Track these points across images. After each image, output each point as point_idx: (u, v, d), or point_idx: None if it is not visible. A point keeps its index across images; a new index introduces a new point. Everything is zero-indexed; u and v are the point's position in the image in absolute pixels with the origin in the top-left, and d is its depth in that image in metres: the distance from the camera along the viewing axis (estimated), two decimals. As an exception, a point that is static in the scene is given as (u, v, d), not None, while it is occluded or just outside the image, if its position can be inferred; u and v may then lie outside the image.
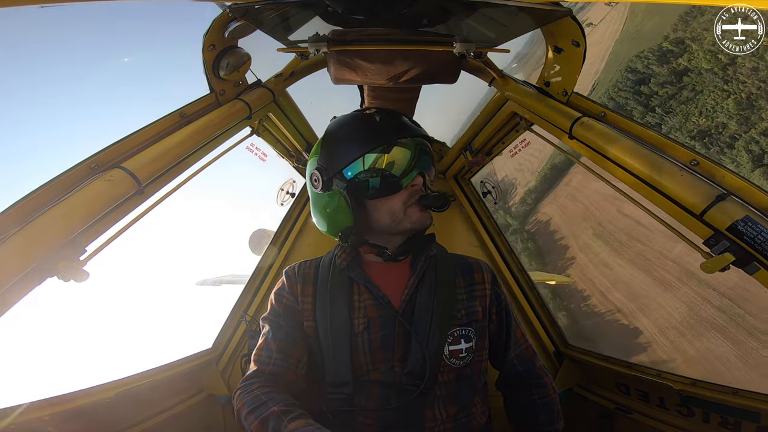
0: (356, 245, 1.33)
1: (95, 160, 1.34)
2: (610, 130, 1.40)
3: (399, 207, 1.25)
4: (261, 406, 1.09)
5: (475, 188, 2.54)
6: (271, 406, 1.07)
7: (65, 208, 1.18)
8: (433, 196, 1.27)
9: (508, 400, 1.46)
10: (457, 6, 1.38)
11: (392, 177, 1.25)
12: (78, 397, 1.69)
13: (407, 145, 1.27)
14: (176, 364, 2.16)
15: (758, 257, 1.11)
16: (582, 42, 1.44)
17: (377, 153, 1.25)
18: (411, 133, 1.29)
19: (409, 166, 1.26)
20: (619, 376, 1.96)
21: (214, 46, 1.48)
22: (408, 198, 1.26)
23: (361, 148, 1.24)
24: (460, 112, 73.37)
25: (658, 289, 19.40)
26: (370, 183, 1.25)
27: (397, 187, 1.25)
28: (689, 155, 1.30)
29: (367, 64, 1.58)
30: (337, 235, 1.32)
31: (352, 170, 1.25)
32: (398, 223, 1.27)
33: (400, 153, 1.27)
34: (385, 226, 1.28)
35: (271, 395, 1.12)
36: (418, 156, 1.28)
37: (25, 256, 1.09)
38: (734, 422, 1.47)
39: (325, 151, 1.30)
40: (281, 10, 1.37)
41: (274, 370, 1.23)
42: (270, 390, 1.15)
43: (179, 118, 1.52)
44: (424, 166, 1.29)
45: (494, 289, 1.41)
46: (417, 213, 1.26)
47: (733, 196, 1.18)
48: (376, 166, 1.25)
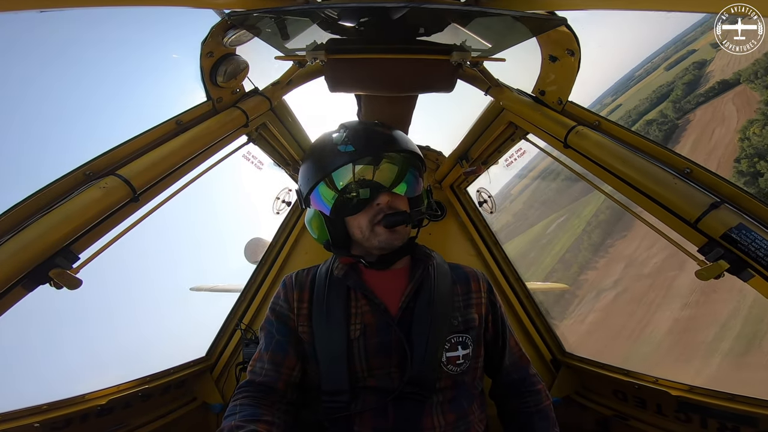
0: (338, 256, 1.37)
1: (90, 167, 1.33)
2: (604, 139, 1.42)
3: (366, 225, 1.28)
4: (229, 416, 1.13)
5: (472, 197, 2.55)
6: (232, 419, 1.11)
7: (59, 215, 1.17)
8: (392, 216, 1.26)
9: (502, 409, 1.47)
10: (453, 15, 1.40)
11: (352, 197, 1.28)
12: (70, 404, 1.66)
13: (369, 165, 1.29)
14: (170, 371, 2.14)
15: (752, 264, 1.13)
16: (577, 51, 1.46)
17: (343, 173, 1.28)
18: (375, 151, 1.30)
19: (372, 185, 1.28)
20: (616, 383, 1.96)
21: (212, 54, 1.49)
22: (374, 216, 1.27)
23: (321, 172, 1.29)
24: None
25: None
26: (335, 202, 1.30)
27: (358, 207, 1.28)
28: (683, 163, 1.32)
29: (363, 72, 1.59)
30: (324, 246, 1.38)
31: (320, 191, 1.32)
32: (367, 239, 1.30)
33: (364, 172, 1.28)
34: (359, 240, 1.32)
35: (243, 408, 1.16)
36: (383, 175, 1.30)
37: (18, 263, 1.08)
38: (732, 427, 1.48)
39: (302, 170, 1.38)
40: (279, 19, 1.38)
41: (264, 381, 1.25)
42: (249, 402, 1.18)
43: (175, 126, 1.52)
44: (394, 184, 1.30)
45: (490, 298, 1.42)
46: (383, 232, 1.27)
47: (727, 203, 1.19)
48: (341, 186, 1.29)
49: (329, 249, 1.37)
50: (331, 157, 1.29)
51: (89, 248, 1.27)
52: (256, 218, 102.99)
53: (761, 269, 1.12)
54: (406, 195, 1.33)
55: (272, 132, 2.01)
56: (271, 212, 2.48)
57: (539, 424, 1.36)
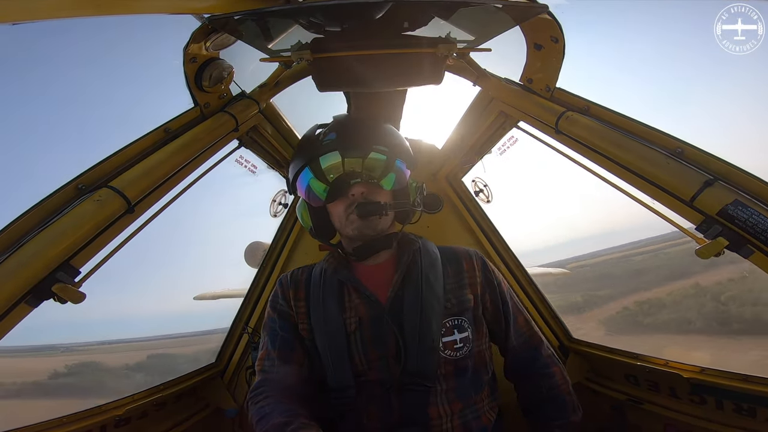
0: (320, 242, 1.48)
1: (82, 180, 1.33)
2: (595, 123, 1.42)
3: (342, 213, 1.32)
4: (264, 418, 1.10)
5: (467, 187, 2.55)
6: (272, 418, 1.08)
7: (56, 230, 1.17)
8: (364, 205, 1.29)
9: (519, 391, 1.44)
10: (436, 8, 1.39)
11: (328, 186, 1.33)
12: (88, 415, 1.68)
13: (351, 156, 1.32)
14: (182, 379, 2.16)
15: (751, 240, 1.12)
16: (560, 38, 1.46)
17: (323, 162, 1.33)
18: (357, 142, 1.33)
19: (348, 175, 1.31)
20: (627, 368, 1.95)
21: (196, 59, 1.48)
22: (349, 205, 1.30)
23: (302, 160, 1.37)
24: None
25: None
26: (313, 190, 1.36)
27: (333, 195, 1.32)
28: (674, 143, 1.32)
29: (351, 70, 1.58)
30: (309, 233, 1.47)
31: (303, 178, 1.38)
32: (343, 227, 1.35)
33: (344, 162, 1.32)
34: (338, 228, 1.39)
35: (275, 406, 1.13)
36: (363, 166, 1.31)
37: (20, 280, 1.08)
38: (748, 408, 1.46)
39: (291, 159, 1.46)
40: (261, 20, 1.37)
41: (278, 378, 1.25)
42: (275, 400, 1.16)
43: (164, 134, 1.51)
44: (372, 176, 1.32)
45: (486, 276, 1.40)
46: (357, 221, 1.30)
47: (721, 181, 1.19)
48: (319, 174, 1.34)
49: (313, 236, 1.46)
50: (312, 146, 1.36)
51: (89, 262, 1.27)
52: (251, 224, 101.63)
53: (760, 244, 1.12)
54: (387, 188, 1.34)
55: (263, 135, 2.01)
56: (269, 215, 2.48)
57: (552, 408, 1.33)
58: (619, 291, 26.65)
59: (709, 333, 18.64)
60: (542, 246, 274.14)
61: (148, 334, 12.71)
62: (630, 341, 18.75)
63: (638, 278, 28.77)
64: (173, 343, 26.74)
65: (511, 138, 2.01)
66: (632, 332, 21.07)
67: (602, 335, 18.57)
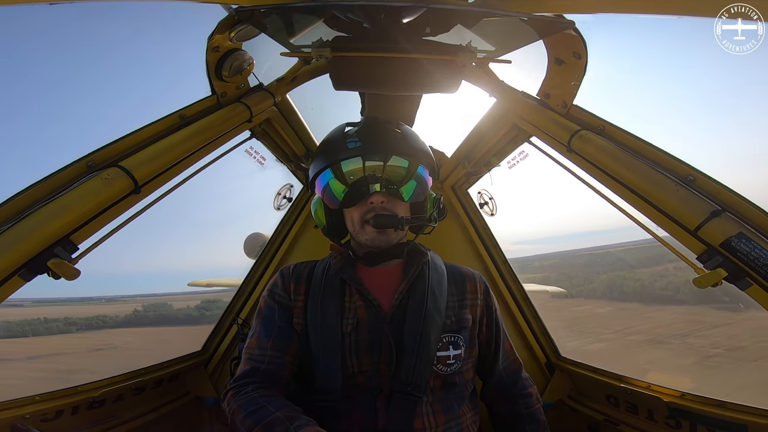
0: (334, 242, 1.43)
1: (93, 157, 1.33)
2: (608, 144, 1.42)
3: (357, 219, 1.31)
4: (260, 410, 1.07)
5: (473, 198, 2.55)
6: (272, 411, 1.06)
7: (60, 205, 1.17)
8: (382, 218, 1.27)
9: (493, 412, 1.49)
10: (460, 16, 1.39)
11: (347, 191, 1.31)
12: (62, 395, 1.66)
13: (374, 162, 1.30)
14: (164, 365, 2.15)
15: (751, 273, 1.13)
16: (583, 54, 1.45)
17: (345, 166, 1.31)
18: (381, 149, 1.31)
19: (368, 182, 1.29)
20: (609, 388, 1.97)
21: (219, 48, 1.48)
22: (365, 213, 1.29)
23: (324, 161, 1.35)
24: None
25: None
26: (333, 191, 1.34)
27: (352, 201, 1.30)
28: (686, 170, 1.32)
29: (368, 71, 1.59)
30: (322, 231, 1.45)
31: (323, 178, 1.36)
32: (357, 233, 1.34)
33: (366, 168, 1.30)
34: (351, 232, 1.38)
35: (269, 399, 1.11)
36: (386, 174, 1.30)
37: (16, 253, 1.08)
38: None
39: (314, 156, 1.43)
40: (286, 15, 1.38)
41: (270, 369, 1.22)
42: (266, 393, 1.14)
43: (179, 119, 1.51)
44: (392, 186, 1.30)
45: (486, 301, 1.42)
46: (371, 231, 1.30)
47: (728, 212, 1.19)
48: (340, 177, 1.32)
49: (325, 234, 1.44)
50: (336, 148, 1.34)
51: (89, 239, 1.27)
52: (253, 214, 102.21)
53: (760, 278, 1.12)
54: (406, 197, 1.32)
55: (275, 128, 2.01)
56: (272, 208, 2.48)
57: (530, 427, 1.39)
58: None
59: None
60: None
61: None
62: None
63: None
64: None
65: (522, 152, 2.01)
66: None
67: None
